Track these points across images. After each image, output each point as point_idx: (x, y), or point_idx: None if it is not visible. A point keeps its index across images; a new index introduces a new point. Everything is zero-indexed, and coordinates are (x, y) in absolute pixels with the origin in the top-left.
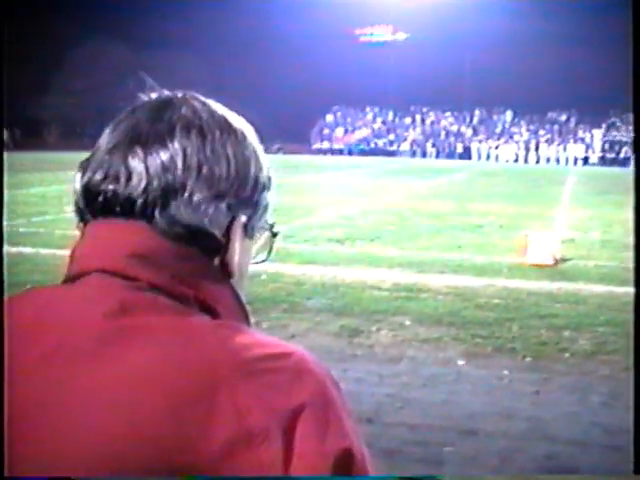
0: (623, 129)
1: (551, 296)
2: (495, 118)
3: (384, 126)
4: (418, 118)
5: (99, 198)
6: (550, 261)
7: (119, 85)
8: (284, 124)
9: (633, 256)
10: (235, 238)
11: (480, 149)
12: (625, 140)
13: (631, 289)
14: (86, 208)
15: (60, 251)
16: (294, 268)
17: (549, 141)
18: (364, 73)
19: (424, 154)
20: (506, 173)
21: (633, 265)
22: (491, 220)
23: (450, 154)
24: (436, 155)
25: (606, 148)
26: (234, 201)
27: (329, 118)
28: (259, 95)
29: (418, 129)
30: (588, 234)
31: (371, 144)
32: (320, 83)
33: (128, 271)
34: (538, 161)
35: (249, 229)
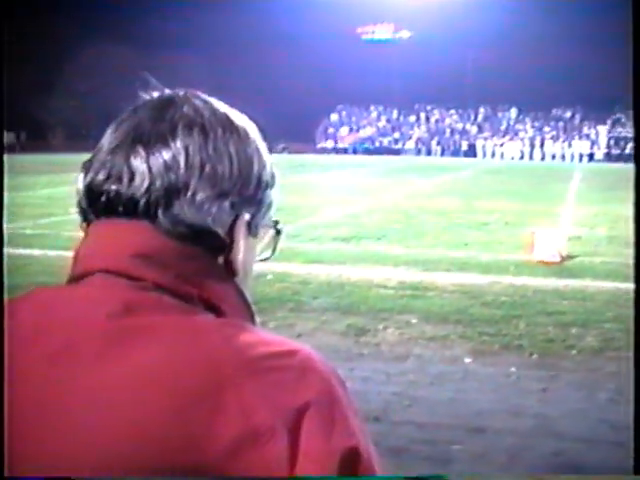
0: (628, 125)
1: (558, 293)
2: (500, 115)
3: (389, 124)
4: (423, 116)
5: (102, 198)
6: (557, 258)
7: (122, 86)
8: (289, 124)
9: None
10: (239, 236)
11: (485, 146)
12: (630, 136)
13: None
14: (89, 208)
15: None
16: (300, 267)
17: (554, 138)
18: (368, 72)
19: (429, 152)
20: (511, 170)
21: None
22: (497, 217)
23: (455, 152)
24: (441, 153)
25: (611, 144)
26: (237, 199)
27: (334, 117)
28: (263, 95)
29: (423, 127)
30: (594, 230)
31: (376, 143)
32: (324, 82)
33: (132, 271)
34: (543, 158)
35: (253, 227)
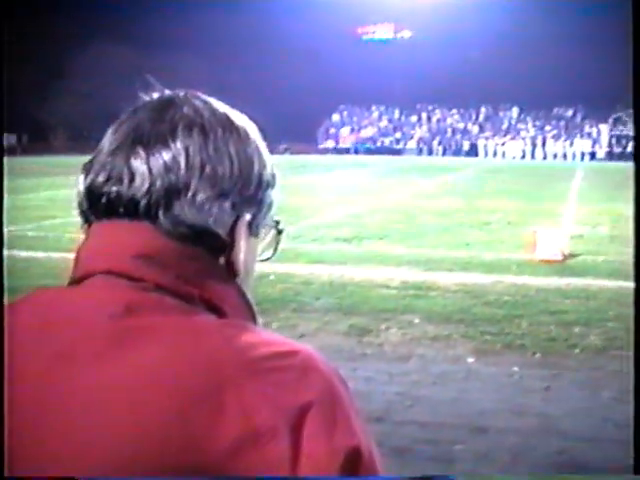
0: (630, 123)
1: (560, 292)
2: (501, 115)
3: (390, 124)
4: (424, 116)
5: (102, 200)
6: (559, 257)
7: (124, 87)
8: (290, 124)
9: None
10: (240, 237)
11: (487, 146)
12: (632, 134)
13: None
14: (90, 210)
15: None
16: (302, 268)
17: (556, 137)
18: (369, 72)
19: (431, 152)
20: (513, 170)
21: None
22: (499, 217)
23: (457, 151)
24: (443, 153)
25: (613, 142)
26: (238, 200)
27: (335, 117)
28: (264, 96)
29: (424, 127)
30: (596, 229)
31: (377, 143)
32: (326, 82)
33: (133, 272)
34: (545, 157)
35: (254, 227)
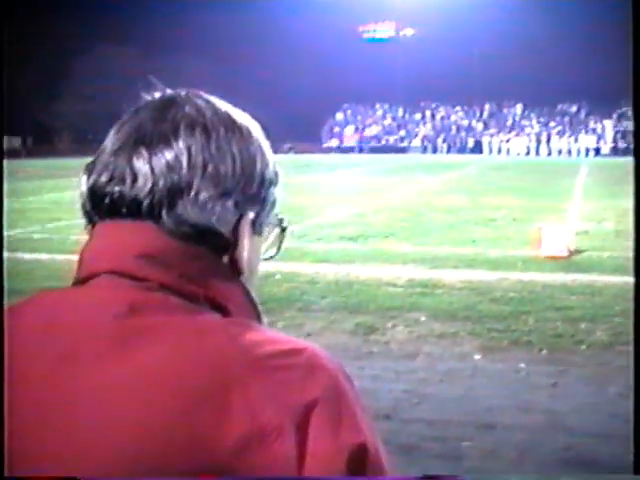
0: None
1: (566, 288)
2: (505, 111)
3: (394, 123)
4: (428, 114)
5: (105, 200)
6: (564, 253)
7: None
8: (294, 124)
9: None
10: (243, 235)
11: (491, 143)
12: (632, 130)
13: None
14: (93, 210)
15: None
16: (308, 267)
17: (560, 133)
18: (373, 70)
19: (435, 149)
20: (518, 166)
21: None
22: (504, 214)
23: (461, 149)
24: (447, 150)
25: (618, 138)
26: (241, 198)
27: (339, 116)
28: (267, 96)
29: (428, 125)
30: (602, 225)
31: (382, 141)
32: (329, 81)
33: (137, 272)
34: (550, 153)
35: (257, 226)
